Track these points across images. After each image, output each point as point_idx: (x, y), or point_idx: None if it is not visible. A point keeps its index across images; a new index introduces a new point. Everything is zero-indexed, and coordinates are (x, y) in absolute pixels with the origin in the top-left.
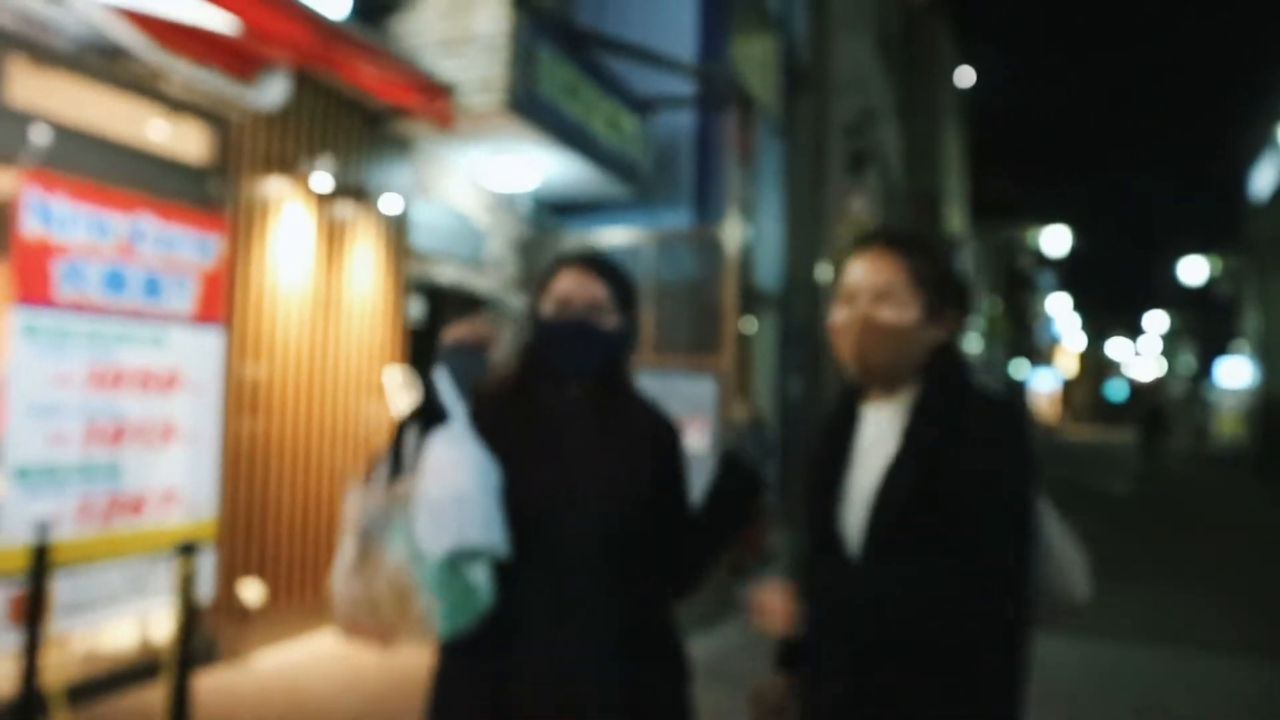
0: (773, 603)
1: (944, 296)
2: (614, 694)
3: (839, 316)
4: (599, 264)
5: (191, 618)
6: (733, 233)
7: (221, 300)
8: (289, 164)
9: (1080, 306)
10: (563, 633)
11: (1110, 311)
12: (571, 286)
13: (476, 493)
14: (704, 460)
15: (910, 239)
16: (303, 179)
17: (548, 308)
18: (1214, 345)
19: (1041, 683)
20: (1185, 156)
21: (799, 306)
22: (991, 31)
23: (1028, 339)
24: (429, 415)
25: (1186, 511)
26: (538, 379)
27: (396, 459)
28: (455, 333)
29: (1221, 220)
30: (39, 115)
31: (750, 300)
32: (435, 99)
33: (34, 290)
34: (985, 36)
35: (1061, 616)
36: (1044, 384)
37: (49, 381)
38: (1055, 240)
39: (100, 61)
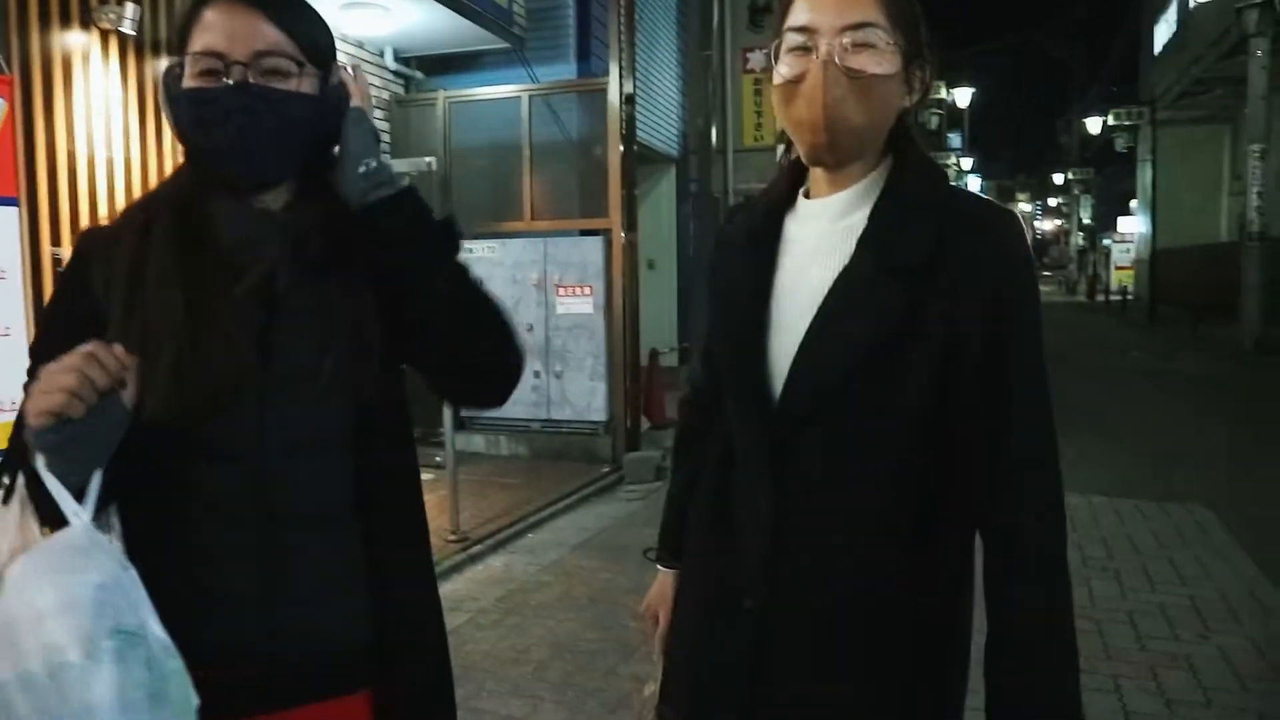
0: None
1: (918, 49)
2: None
3: (792, 67)
4: None
5: None
6: (616, 86)
7: (13, 172)
8: (86, 10)
9: (988, 166)
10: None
11: (1019, 171)
12: (221, 35)
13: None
14: (594, 320)
15: None
16: (106, 28)
17: (191, 74)
18: (1113, 201)
19: None
20: (1098, 17)
21: (697, 165)
22: None
23: None
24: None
25: (1092, 360)
26: (205, 192)
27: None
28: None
29: (1128, 80)
30: None
31: (642, 159)
32: None
33: None
34: None
35: None
36: None
37: None
38: (962, 98)
39: None
